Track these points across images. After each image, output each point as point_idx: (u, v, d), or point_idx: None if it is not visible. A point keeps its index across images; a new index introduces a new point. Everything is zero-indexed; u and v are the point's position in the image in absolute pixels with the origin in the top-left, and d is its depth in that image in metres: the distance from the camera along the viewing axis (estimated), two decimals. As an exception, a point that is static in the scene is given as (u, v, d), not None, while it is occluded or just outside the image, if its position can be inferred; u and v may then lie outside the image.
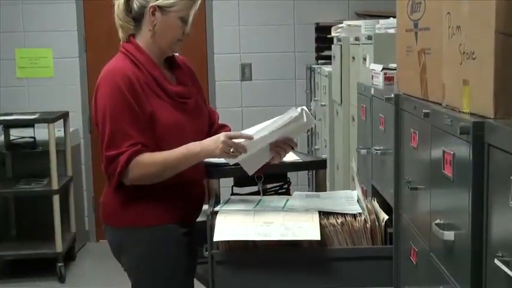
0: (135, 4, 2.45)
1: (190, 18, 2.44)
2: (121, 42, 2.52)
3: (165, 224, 2.45)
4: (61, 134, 5.24)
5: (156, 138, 2.39)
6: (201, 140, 2.43)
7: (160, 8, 2.41)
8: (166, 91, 2.44)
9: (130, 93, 2.35)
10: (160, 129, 2.39)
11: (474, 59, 1.53)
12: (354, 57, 3.63)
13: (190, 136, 2.44)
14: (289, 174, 2.93)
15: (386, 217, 2.31)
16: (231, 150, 2.33)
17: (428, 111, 1.75)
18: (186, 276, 2.53)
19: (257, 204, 2.50)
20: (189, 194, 2.50)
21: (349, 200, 2.53)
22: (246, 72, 5.88)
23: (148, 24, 2.44)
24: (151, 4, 2.41)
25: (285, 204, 2.49)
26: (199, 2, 2.46)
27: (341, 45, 3.91)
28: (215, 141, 2.35)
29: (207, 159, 2.68)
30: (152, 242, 2.45)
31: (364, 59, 3.24)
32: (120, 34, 2.52)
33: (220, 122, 2.72)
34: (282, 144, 2.42)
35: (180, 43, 2.48)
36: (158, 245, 2.45)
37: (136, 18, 2.47)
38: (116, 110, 2.34)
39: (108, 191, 2.50)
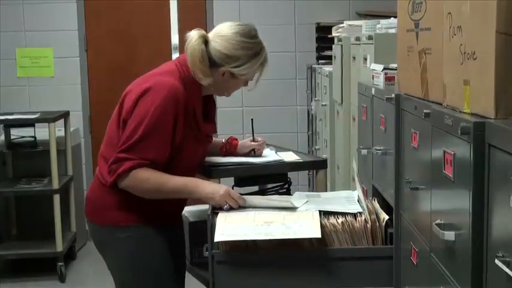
0: (213, 56, 2.46)
1: (255, 79, 2.56)
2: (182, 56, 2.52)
3: (145, 225, 2.48)
4: (61, 133, 5.24)
5: (172, 159, 2.44)
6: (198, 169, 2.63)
7: (232, 73, 2.48)
8: (199, 128, 2.50)
9: (173, 117, 2.38)
10: (179, 158, 2.46)
11: (475, 59, 1.53)
12: (354, 57, 3.63)
13: (199, 159, 2.61)
14: (290, 174, 2.93)
15: (386, 217, 2.31)
16: (225, 206, 2.41)
17: (429, 111, 1.75)
18: (171, 276, 2.55)
19: None
20: (175, 199, 2.52)
21: (349, 200, 2.53)
22: (246, 72, 5.87)
23: (214, 77, 2.47)
24: (224, 69, 2.47)
25: None
26: (267, 66, 2.57)
27: (342, 45, 3.91)
28: (215, 191, 2.42)
29: (207, 159, 2.71)
30: (132, 242, 2.48)
31: (365, 59, 3.24)
32: (198, 76, 2.46)
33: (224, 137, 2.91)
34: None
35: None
36: (138, 245, 2.48)
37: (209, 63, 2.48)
38: (152, 125, 2.37)
39: (94, 187, 2.55)
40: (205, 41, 2.45)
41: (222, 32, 2.47)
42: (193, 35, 2.46)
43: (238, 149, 2.84)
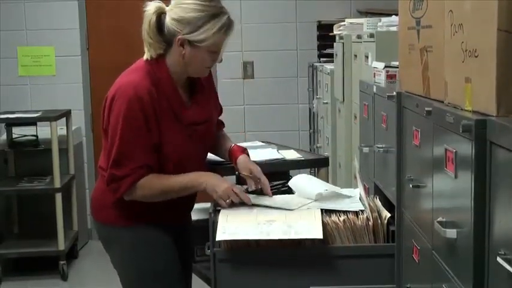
0: (165, 28, 2.37)
1: (222, 50, 2.42)
2: (145, 58, 2.45)
3: (148, 224, 2.48)
4: (63, 132, 5.25)
5: (159, 159, 2.42)
6: (202, 161, 2.56)
7: (190, 42, 2.36)
8: (179, 118, 2.43)
9: (143, 116, 2.34)
10: (164, 155, 2.42)
11: (476, 56, 1.53)
12: (356, 55, 3.62)
13: (193, 158, 2.50)
14: (291, 172, 2.93)
15: (388, 215, 2.31)
16: (227, 200, 2.41)
17: (430, 109, 1.75)
18: (175, 276, 2.54)
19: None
20: (179, 199, 2.51)
21: (351, 198, 2.53)
22: (248, 70, 5.87)
23: (176, 52, 2.39)
24: (179, 36, 2.35)
25: None
26: (231, 33, 2.41)
27: (343, 43, 3.91)
28: (218, 184, 2.41)
29: (209, 156, 2.70)
30: (134, 241, 2.49)
31: (366, 57, 3.24)
32: (147, 52, 2.44)
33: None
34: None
35: (208, 69, 2.49)
36: (140, 244, 2.49)
37: (166, 40, 2.40)
38: (127, 130, 2.35)
39: (99, 186, 2.56)
40: (162, 13, 2.36)
41: (181, 1, 2.36)
42: (150, 6, 2.38)
43: (238, 167, 2.62)
